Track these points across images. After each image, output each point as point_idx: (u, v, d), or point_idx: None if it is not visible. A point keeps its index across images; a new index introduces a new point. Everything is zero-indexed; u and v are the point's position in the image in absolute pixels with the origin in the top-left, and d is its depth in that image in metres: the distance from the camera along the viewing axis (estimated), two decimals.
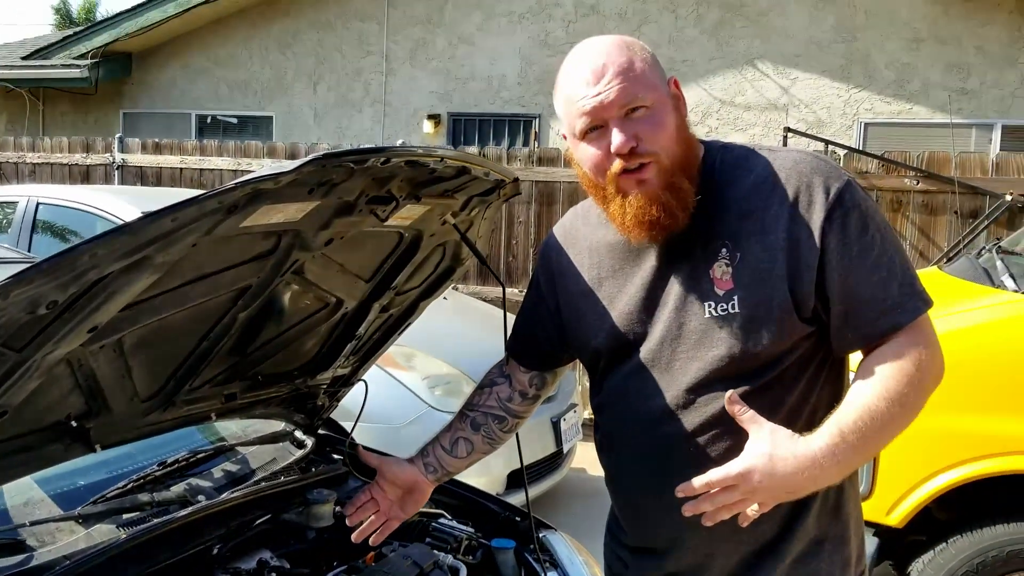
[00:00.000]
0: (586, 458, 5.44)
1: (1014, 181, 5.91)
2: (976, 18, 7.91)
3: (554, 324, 1.69)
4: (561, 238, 1.71)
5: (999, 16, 7.86)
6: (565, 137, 1.56)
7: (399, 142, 8.19)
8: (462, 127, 9.48)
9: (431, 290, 2.06)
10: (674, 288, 1.47)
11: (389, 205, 1.55)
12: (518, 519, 2.11)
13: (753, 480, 1.32)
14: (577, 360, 1.74)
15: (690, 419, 1.46)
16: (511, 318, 1.81)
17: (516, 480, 3.90)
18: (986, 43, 7.91)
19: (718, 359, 1.43)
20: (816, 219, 1.39)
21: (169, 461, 1.99)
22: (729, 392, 1.39)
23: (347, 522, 1.84)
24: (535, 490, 4.20)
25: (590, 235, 1.63)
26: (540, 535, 2.07)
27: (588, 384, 1.69)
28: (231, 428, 2.32)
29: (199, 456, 2.06)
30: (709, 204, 1.45)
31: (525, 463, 4.07)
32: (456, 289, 6.46)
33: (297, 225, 1.45)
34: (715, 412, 1.44)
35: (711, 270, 1.43)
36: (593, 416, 1.69)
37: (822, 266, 1.39)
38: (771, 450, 1.33)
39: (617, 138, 1.41)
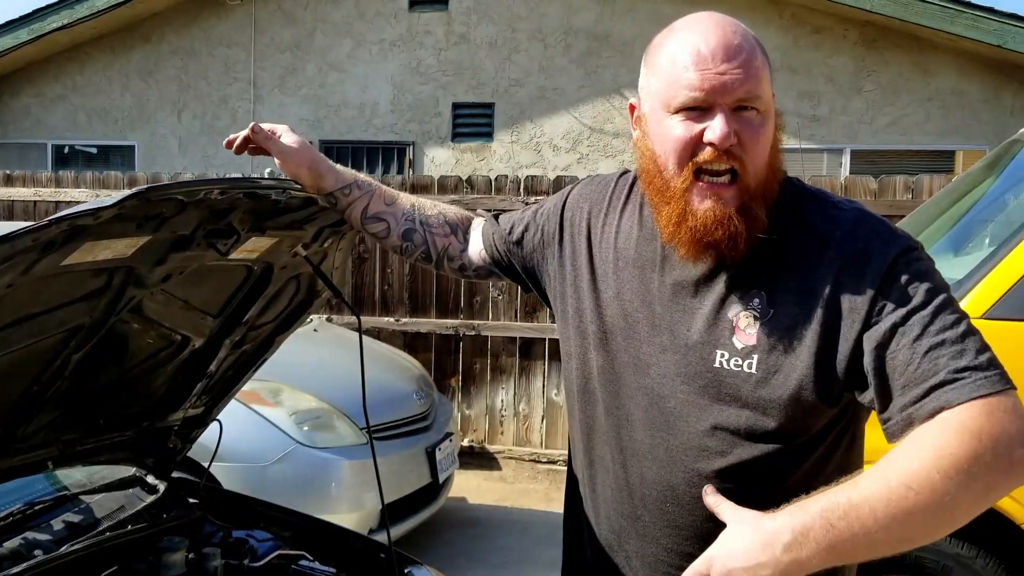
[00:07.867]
0: (465, 487, 5.39)
1: (863, 203, 6.26)
2: (824, 48, 8.37)
3: (522, 251, 1.57)
4: (592, 197, 1.51)
5: (845, 47, 8.33)
6: (633, 109, 1.36)
7: (267, 171, 7.99)
8: (334, 154, 9.34)
9: (287, 324, 2.01)
10: (690, 318, 1.30)
11: (230, 239, 1.50)
12: (382, 555, 2.07)
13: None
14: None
15: (702, 464, 1.29)
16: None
17: (389, 514, 3.83)
18: (834, 72, 8.37)
19: (718, 415, 1.27)
20: (867, 290, 1.20)
21: (2, 515, 1.86)
22: (706, 487, 1.21)
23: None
24: (410, 523, 4.13)
25: (623, 213, 1.44)
26: (405, 570, 2.03)
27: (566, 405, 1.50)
28: (76, 476, 2.19)
29: (36, 508, 1.93)
30: (757, 244, 1.27)
31: (400, 496, 4.01)
32: (330, 320, 6.34)
33: (128, 261, 1.39)
34: (711, 469, 1.28)
35: (736, 317, 1.26)
36: (571, 438, 1.52)
37: (863, 342, 1.19)
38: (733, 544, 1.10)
39: (721, 127, 1.21)
